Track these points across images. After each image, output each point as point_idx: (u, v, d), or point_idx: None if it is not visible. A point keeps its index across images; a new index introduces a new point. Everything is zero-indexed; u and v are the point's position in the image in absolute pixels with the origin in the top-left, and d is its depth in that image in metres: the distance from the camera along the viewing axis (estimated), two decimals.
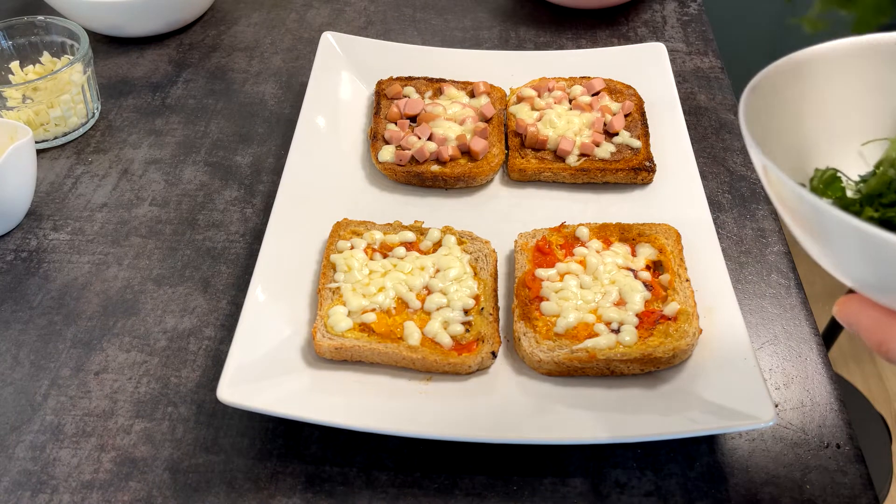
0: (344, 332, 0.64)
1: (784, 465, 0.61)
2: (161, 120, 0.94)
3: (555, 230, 0.74)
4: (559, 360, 0.63)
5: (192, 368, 0.68)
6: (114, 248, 0.79)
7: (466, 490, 0.60)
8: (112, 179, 0.87)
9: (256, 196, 0.84)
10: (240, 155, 0.90)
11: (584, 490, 0.60)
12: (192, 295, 0.74)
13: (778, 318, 0.71)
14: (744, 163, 0.87)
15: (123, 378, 0.67)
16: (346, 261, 0.70)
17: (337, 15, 1.12)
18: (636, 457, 0.62)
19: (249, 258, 0.77)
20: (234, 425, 0.64)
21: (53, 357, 0.69)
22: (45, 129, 0.89)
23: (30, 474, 0.61)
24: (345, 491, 0.60)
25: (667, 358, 0.62)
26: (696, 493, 0.59)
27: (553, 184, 0.82)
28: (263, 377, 0.62)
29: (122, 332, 0.71)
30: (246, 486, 0.60)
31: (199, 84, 1.00)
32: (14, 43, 0.93)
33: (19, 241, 0.80)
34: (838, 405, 0.65)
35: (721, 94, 0.96)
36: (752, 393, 0.59)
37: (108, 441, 0.63)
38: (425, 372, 0.64)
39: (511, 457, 0.62)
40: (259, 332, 0.65)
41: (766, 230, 0.79)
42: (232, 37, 1.08)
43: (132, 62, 1.03)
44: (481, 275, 0.71)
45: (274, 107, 0.96)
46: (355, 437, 0.63)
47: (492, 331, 0.66)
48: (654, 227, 0.73)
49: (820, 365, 0.68)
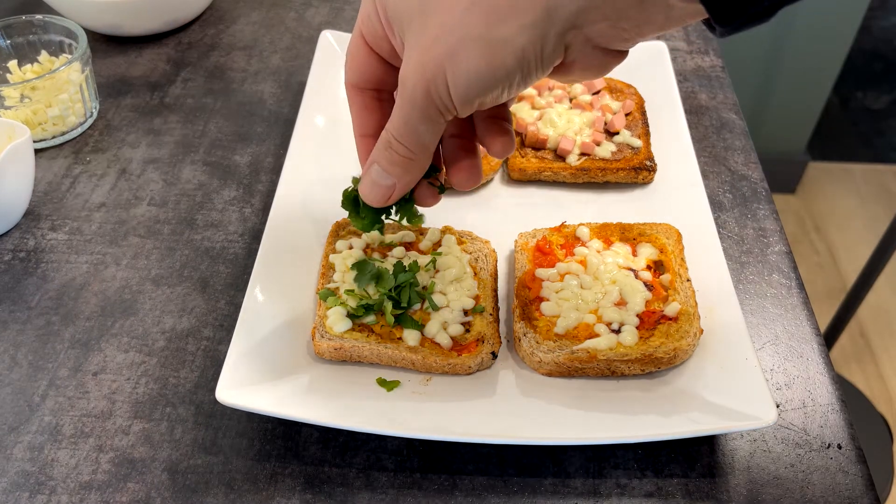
0: (343, 333, 0.64)
1: (785, 465, 0.61)
2: (159, 119, 0.94)
3: (555, 230, 0.74)
4: (559, 361, 0.62)
5: (191, 369, 0.68)
6: (112, 247, 0.79)
7: (466, 490, 0.60)
8: (110, 179, 0.86)
9: (255, 196, 0.84)
10: (238, 154, 0.89)
11: (584, 491, 0.60)
12: (190, 295, 0.74)
13: (779, 318, 0.71)
14: (745, 162, 0.87)
15: (122, 378, 0.67)
16: (345, 261, 0.70)
17: (336, 14, 1.12)
18: (637, 457, 0.61)
19: (248, 258, 0.77)
20: (232, 426, 0.64)
21: (51, 357, 0.69)
22: (43, 128, 0.89)
23: (28, 475, 0.61)
24: (344, 492, 0.59)
25: (668, 358, 0.62)
26: (697, 493, 0.59)
27: (553, 183, 0.82)
28: (262, 378, 0.61)
29: (120, 333, 0.71)
30: (245, 486, 0.60)
31: (197, 83, 0.99)
32: (12, 42, 0.93)
33: (17, 240, 0.79)
34: (839, 405, 0.65)
35: (722, 93, 0.96)
36: (753, 393, 0.59)
37: (107, 442, 0.63)
38: (425, 372, 0.64)
39: (511, 457, 0.61)
40: (258, 332, 0.65)
41: (768, 230, 0.79)
42: (231, 36, 1.08)
43: (130, 61, 1.03)
44: (481, 275, 0.70)
45: (273, 106, 0.96)
46: (355, 437, 0.62)
47: (492, 331, 0.66)
48: (655, 227, 0.73)
49: (821, 365, 0.68)
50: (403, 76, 0.48)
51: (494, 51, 0.44)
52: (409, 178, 0.54)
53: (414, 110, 0.48)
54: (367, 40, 0.53)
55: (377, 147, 0.53)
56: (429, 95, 0.47)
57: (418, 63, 0.46)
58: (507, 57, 0.44)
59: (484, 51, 0.44)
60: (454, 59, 0.45)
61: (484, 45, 0.44)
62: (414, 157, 0.52)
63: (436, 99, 0.47)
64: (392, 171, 0.53)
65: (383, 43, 0.52)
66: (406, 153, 0.51)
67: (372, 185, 0.54)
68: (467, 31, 0.44)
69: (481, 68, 0.45)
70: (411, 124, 0.49)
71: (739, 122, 0.92)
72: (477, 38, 0.44)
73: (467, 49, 0.45)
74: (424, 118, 0.49)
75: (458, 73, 0.45)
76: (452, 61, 0.45)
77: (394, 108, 0.50)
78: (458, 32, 0.44)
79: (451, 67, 0.45)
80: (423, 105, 0.48)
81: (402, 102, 0.49)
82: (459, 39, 0.45)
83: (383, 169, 0.53)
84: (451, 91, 0.46)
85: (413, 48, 0.47)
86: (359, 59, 0.54)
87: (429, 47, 0.46)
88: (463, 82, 0.46)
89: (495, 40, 0.44)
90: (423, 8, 0.46)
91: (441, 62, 0.45)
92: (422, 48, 0.46)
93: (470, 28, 0.44)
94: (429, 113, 0.48)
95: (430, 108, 0.48)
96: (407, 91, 0.48)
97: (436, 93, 0.47)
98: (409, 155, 0.52)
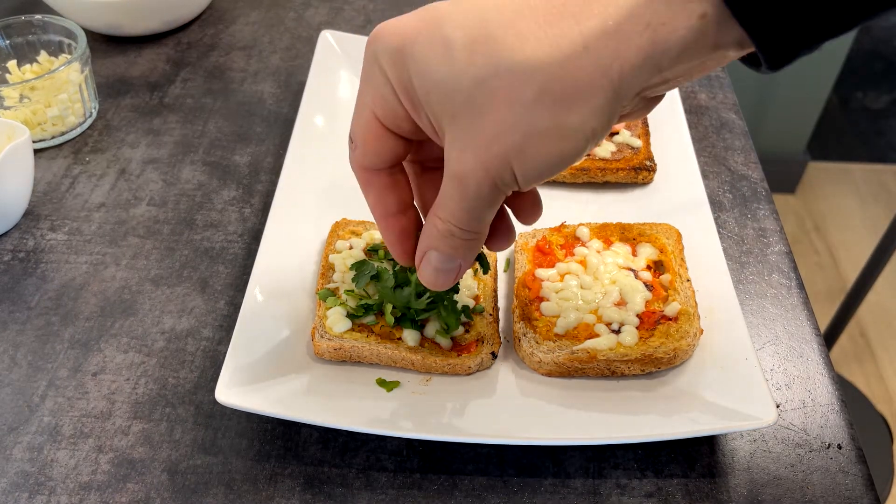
0: (343, 333, 0.64)
1: (785, 465, 0.61)
2: (159, 119, 0.94)
3: (555, 230, 0.74)
4: (559, 361, 0.62)
5: (191, 369, 0.68)
6: (111, 248, 0.79)
7: (466, 491, 0.59)
8: (110, 179, 0.86)
9: (255, 196, 0.84)
10: (238, 154, 0.89)
11: (584, 491, 0.59)
12: (190, 295, 0.74)
13: (779, 318, 0.71)
14: (745, 162, 0.87)
15: (121, 379, 0.67)
16: (345, 261, 0.70)
17: (336, 13, 1.12)
18: (637, 458, 0.61)
19: (248, 258, 0.77)
20: (232, 426, 0.64)
21: (51, 358, 0.69)
22: (42, 128, 0.89)
23: (27, 475, 0.61)
24: (344, 492, 0.59)
25: (667, 358, 0.62)
26: (697, 493, 0.59)
27: (553, 183, 0.82)
28: (262, 378, 0.61)
29: (119, 333, 0.71)
30: (244, 487, 0.60)
31: (197, 83, 0.99)
32: (11, 42, 0.93)
33: (16, 241, 0.79)
34: (840, 405, 0.65)
35: (722, 92, 0.96)
36: (753, 393, 0.59)
37: (106, 442, 0.63)
38: (425, 372, 0.64)
39: (511, 457, 0.61)
40: (257, 332, 0.65)
41: (768, 230, 0.79)
42: (230, 36, 1.08)
43: (130, 61, 1.03)
44: (481, 275, 0.70)
45: (272, 106, 0.96)
46: (354, 438, 0.62)
47: (491, 331, 0.66)
48: (655, 227, 0.73)
49: (821, 365, 0.68)
50: (461, 173, 0.45)
51: (565, 139, 0.43)
52: (473, 255, 0.52)
53: (479, 202, 0.46)
54: (384, 122, 0.49)
55: (431, 236, 0.50)
56: (495, 188, 0.45)
57: (479, 162, 0.44)
58: (579, 142, 0.43)
59: (555, 141, 0.43)
60: (522, 153, 0.43)
61: (554, 136, 0.42)
62: (478, 237, 0.50)
63: (501, 187, 0.46)
64: (457, 255, 0.51)
65: (405, 123, 0.48)
66: (470, 237, 0.50)
67: (435, 272, 0.52)
68: (534, 125, 0.42)
69: (552, 157, 0.43)
70: (476, 213, 0.48)
71: (739, 122, 0.92)
72: (545, 131, 0.42)
73: (536, 143, 0.43)
74: (489, 206, 0.47)
75: (527, 165, 0.44)
76: (521, 156, 0.43)
77: (446, 199, 0.48)
78: (522, 128, 0.42)
79: (519, 161, 0.44)
80: (489, 197, 0.46)
81: (462, 196, 0.46)
82: (526, 135, 0.42)
83: (445, 255, 0.51)
84: (518, 178, 0.45)
85: (467, 147, 0.44)
86: (377, 142, 0.50)
87: (488, 145, 0.43)
88: (533, 173, 0.44)
89: (566, 130, 0.42)
90: (472, 103, 0.43)
91: (506, 158, 0.43)
92: (480, 147, 0.44)
93: (536, 122, 0.42)
94: (495, 200, 0.47)
95: (496, 196, 0.46)
96: (470, 189, 0.46)
97: (502, 183, 0.45)
98: (474, 237, 0.50)
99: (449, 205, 0.47)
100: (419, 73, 0.44)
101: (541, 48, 0.41)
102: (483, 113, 0.43)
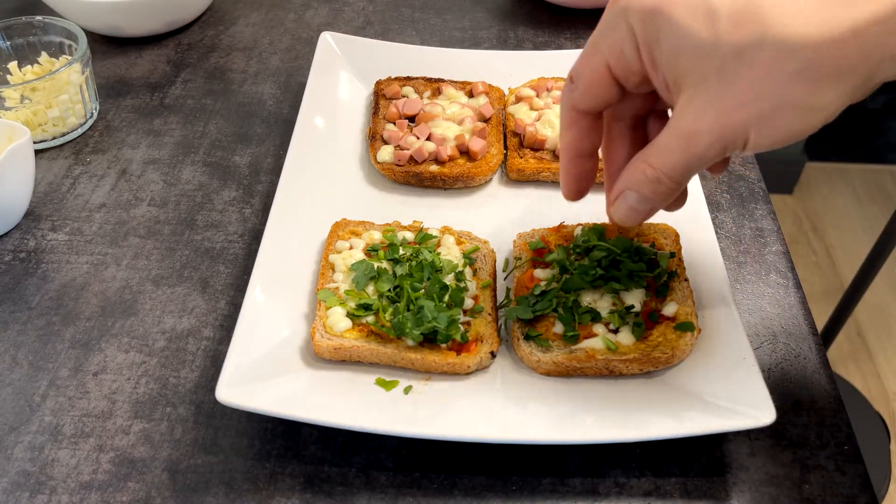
0: (343, 333, 0.64)
1: (783, 464, 0.61)
2: (159, 120, 0.94)
3: (554, 230, 0.74)
4: (558, 361, 0.63)
5: (191, 369, 0.68)
6: (112, 248, 0.79)
7: (466, 490, 0.60)
8: (110, 180, 0.86)
9: (255, 196, 0.84)
10: (238, 155, 0.90)
11: (583, 490, 0.60)
12: (190, 295, 0.74)
13: (776, 318, 0.72)
14: (742, 162, 0.87)
15: (122, 378, 0.67)
16: (345, 261, 0.70)
17: (335, 15, 1.12)
18: (635, 457, 0.62)
19: (248, 258, 0.77)
20: (232, 426, 0.64)
21: (52, 358, 0.69)
22: (43, 129, 0.89)
23: (28, 475, 0.61)
24: (344, 491, 0.60)
25: (665, 358, 0.62)
26: (696, 492, 0.59)
27: (552, 183, 0.82)
28: (262, 378, 0.62)
29: (120, 333, 0.71)
30: (245, 486, 0.60)
31: (197, 84, 1.00)
32: (12, 43, 0.93)
33: (17, 241, 0.79)
34: (837, 405, 0.65)
35: None
36: (750, 392, 0.59)
37: (107, 441, 0.63)
38: (424, 372, 0.64)
39: (511, 457, 0.62)
40: (258, 332, 0.65)
41: (765, 230, 0.80)
42: (230, 37, 1.08)
43: (130, 62, 1.03)
44: (480, 275, 0.71)
45: (272, 107, 0.96)
46: (354, 437, 0.63)
47: (490, 331, 0.66)
48: (653, 227, 0.73)
49: (819, 364, 0.68)
50: (694, 131, 0.48)
51: (811, 116, 0.45)
52: (666, 203, 0.56)
53: (701, 160, 0.49)
54: (614, 71, 0.52)
55: (635, 179, 0.54)
56: (723, 150, 0.48)
57: (717, 124, 0.47)
58: (821, 119, 0.45)
59: (802, 116, 0.45)
60: (767, 122, 0.45)
61: (803, 111, 0.45)
62: (678, 189, 0.53)
63: (727, 150, 0.48)
64: (656, 199, 0.54)
65: (634, 77, 0.52)
66: (673, 187, 0.53)
67: (630, 210, 0.56)
68: (786, 98, 0.44)
69: (792, 130, 0.46)
70: (690, 168, 0.51)
71: None
72: (797, 104, 0.44)
73: (784, 115, 0.45)
74: (705, 165, 0.50)
75: (764, 134, 0.46)
76: (764, 125, 0.46)
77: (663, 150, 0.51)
78: (773, 100, 0.45)
79: (760, 130, 0.46)
80: (712, 157, 0.49)
81: (685, 151, 0.49)
82: (775, 107, 0.45)
83: (645, 197, 0.54)
84: (748, 145, 0.47)
85: (708, 108, 0.47)
86: (600, 87, 0.53)
87: (732, 111, 0.46)
88: (767, 141, 0.46)
89: (815, 107, 0.44)
90: (724, 69, 0.45)
91: (747, 125, 0.46)
92: (724, 111, 0.46)
93: (790, 96, 0.44)
94: (712, 161, 0.50)
95: (718, 157, 0.49)
96: (700, 147, 0.48)
97: (731, 147, 0.48)
98: (675, 189, 0.53)
99: (666, 156, 0.51)
100: (673, 34, 0.47)
101: (810, 27, 0.43)
102: (735, 80, 0.45)
